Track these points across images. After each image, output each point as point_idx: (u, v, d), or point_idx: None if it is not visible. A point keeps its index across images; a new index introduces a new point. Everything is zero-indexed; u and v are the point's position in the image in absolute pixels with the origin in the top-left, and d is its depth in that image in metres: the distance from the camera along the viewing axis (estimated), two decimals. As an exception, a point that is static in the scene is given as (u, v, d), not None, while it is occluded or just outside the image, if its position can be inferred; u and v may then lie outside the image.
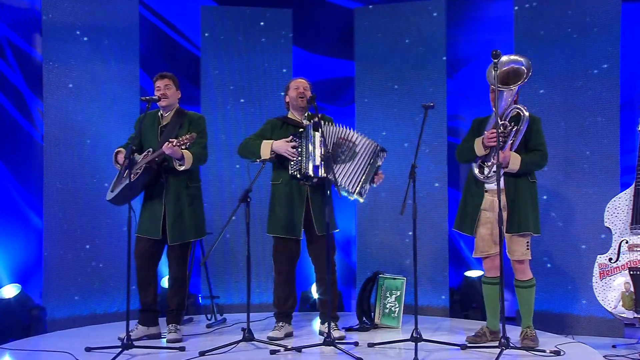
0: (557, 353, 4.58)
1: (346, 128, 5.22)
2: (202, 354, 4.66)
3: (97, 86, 6.41)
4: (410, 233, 6.48)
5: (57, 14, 6.31)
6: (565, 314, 6.01)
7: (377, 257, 6.66)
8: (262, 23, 6.99)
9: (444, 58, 6.71)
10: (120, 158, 5.27)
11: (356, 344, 4.93)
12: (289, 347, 4.83)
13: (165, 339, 5.18)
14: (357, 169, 5.16)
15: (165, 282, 6.30)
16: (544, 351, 4.61)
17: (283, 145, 5.18)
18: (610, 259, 5.33)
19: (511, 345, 4.51)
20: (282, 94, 5.51)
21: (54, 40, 6.29)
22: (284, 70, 6.97)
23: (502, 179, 4.79)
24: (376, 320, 5.75)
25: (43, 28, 6.27)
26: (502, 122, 4.87)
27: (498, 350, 4.44)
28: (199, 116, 5.40)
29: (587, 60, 6.04)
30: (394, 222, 6.62)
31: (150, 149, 5.18)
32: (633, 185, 5.35)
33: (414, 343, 4.53)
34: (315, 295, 6.28)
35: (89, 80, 6.38)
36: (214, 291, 6.30)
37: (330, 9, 7.51)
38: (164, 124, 5.32)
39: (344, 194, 5.12)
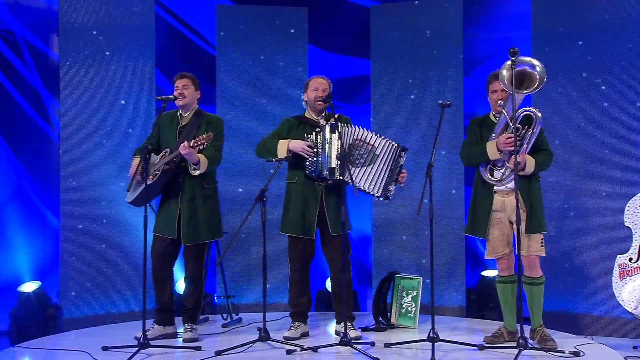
0: (576, 354, 4.53)
1: (364, 129, 5.17)
2: (218, 353, 4.65)
3: (113, 85, 6.42)
4: (427, 232, 6.47)
5: (74, 14, 6.33)
6: (583, 314, 5.95)
7: (393, 257, 6.63)
8: (277, 22, 6.98)
9: (461, 56, 6.66)
10: (132, 167, 5.27)
11: (372, 344, 4.91)
12: (305, 347, 4.80)
13: (181, 339, 5.17)
14: (380, 172, 5.11)
15: (180, 283, 6.29)
16: (563, 352, 4.57)
17: (299, 144, 5.16)
18: (630, 259, 5.25)
19: (530, 345, 4.46)
20: (302, 92, 5.45)
21: (71, 40, 6.31)
22: (300, 69, 6.95)
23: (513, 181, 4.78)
24: (392, 320, 5.71)
25: (60, 28, 6.29)
26: (516, 124, 4.80)
27: (516, 350, 4.40)
28: (217, 118, 5.39)
29: (606, 57, 5.98)
30: (411, 222, 6.58)
31: (168, 150, 5.17)
32: (653, 184, 5.30)
33: (430, 343, 4.50)
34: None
35: (105, 79, 6.39)
36: (229, 291, 6.28)
37: (346, 7, 7.49)
38: (182, 124, 5.31)
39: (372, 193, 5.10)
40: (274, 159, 5.11)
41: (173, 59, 7.26)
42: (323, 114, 5.38)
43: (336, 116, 5.12)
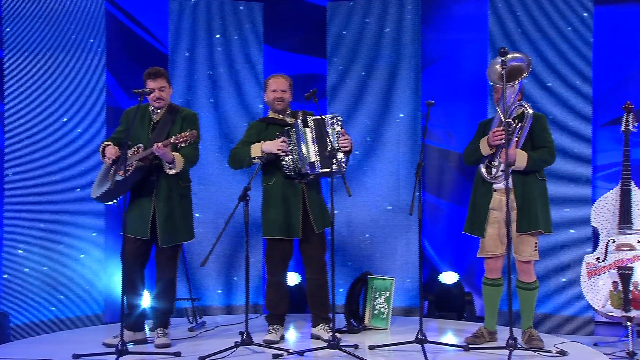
0: (562, 353, 4.60)
1: (325, 116, 5.08)
2: (202, 359, 4.43)
3: (62, 81, 6.00)
4: (383, 233, 6.50)
5: (18, 6, 5.83)
6: (537, 313, 6.06)
7: (351, 258, 6.57)
8: (232, 18, 6.79)
9: (419, 55, 6.69)
10: (111, 152, 4.95)
11: (356, 346, 4.79)
12: (291, 351, 4.65)
13: (154, 344, 4.91)
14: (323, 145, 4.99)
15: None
16: (550, 351, 4.62)
17: (273, 144, 5.03)
18: (597, 259, 5.42)
19: (519, 346, 4.49)
20: (255, 90, 5.31)
21: (16, 34, 5.80)
22: (254, 67, 6.79)
23: (510, 178, 4.80)
24: (366, 322, 5.63)
25: (4, 17, 5.81)
26: (506, 119, 4.84)
27: (501, 350, 4.46)
28: (192, 113, 5.14)
29: (560, 60, 6.13)
30: (366, 222, 6.59)
31: (141, 145, 4.91)
32: (619, 185, 5.46)
33: (417, 345, 4.47)
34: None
35: (53, 74, 5.96)
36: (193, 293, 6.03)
37: (302, 4, 7.36)
38: (156, 120, 5.05)
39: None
40: (255, 160, 4.93)
41: (121, 56, 6.94)
42: (288, 112, 5.25)
43: (301, 113, 5.12)
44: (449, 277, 6.52)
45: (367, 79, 6.76)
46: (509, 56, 4.73)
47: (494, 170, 4.91)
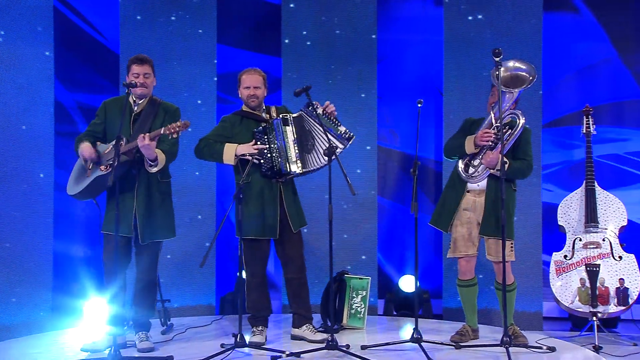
0: (552, 349, 4.73)
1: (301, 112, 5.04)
2: (200, 364, 4.27)
3: (9, 70, 5.62)
4: (346, 236, 6.46)
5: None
6: (490, 309, 6.24)
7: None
8: (187, 16, 6.56)
9: (375, 52, 6.70)
10: (87, 152, 4.66)
11: (347, 346, 4.71)
12: (287, 352, 4.52)
13: (136, 348, 4.66)
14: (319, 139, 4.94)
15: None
16: (540, 347, 4.74)
17: (247, 148, 4.88)
18: (565, 256, 5.61)
19: (513, 343, 4.56)
20: (214, 87, 5.18)
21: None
22: (209, 65, 6.60)
23: (485, 181, 4.91)
24: (344, 321, 5.57)
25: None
26: (496, 124, 4.91)
27: (491, 347, 4.68)
28: (175, 107, 4.92)
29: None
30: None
31: (123, 137, 4.63)
32: (583, 186, 5.69)
33: (409, 344, 4.55)
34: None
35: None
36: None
37: (256, 2, 7.25)
38: (137, 111, 4.79)
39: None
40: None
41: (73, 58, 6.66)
42: (262, 108, 5.13)
43: (273, 108, 5.10)
44: (406, 279, 6.60)
45: (320, 75, 6.68)
46: (516, 64, 4.80)
47: (471, 170, 4.96)
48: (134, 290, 4.82)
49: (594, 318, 5.42)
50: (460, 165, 5.02)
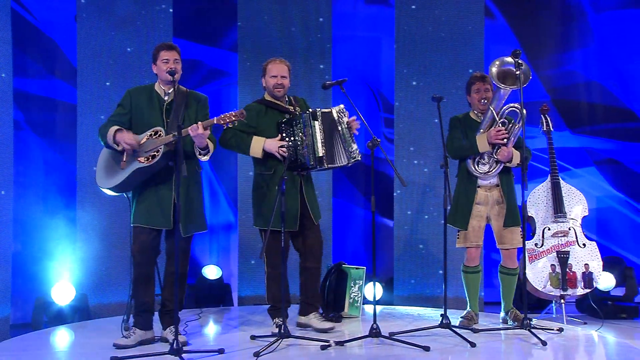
0: (561, 330, 5.07)
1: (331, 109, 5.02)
2: (256, 354, 4.19)
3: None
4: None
5: None
6: (438, 296, 6.55)
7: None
8: (142, 12, 6.41)
9: (329, 46, 6.80)
10: (128, 138, 4.38)
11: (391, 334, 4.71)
12: (334, 341, 4.49)
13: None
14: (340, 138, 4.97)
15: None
16: (552, 329, 5.06)
17: (274, 145, 4.86)
18: (536, 244, 6.02)
19: (532, 325, 4.84)
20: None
21: None
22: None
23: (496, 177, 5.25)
24: (345, 310, 5.56)
25: None
26: (502, 119, 5.18)
27: (514, 330, 4.95)
28: (205, 97, 4.77)
29: (457, 64, 6.76)
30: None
31: (160, 129, 4.36)
32: (549, 179, 6.14)
33: (441, 329, 4.73)
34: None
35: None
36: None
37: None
38: (168, 101, 4.55)
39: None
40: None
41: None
42: (286, 99, 5.10)
43: (300, 100, 5.17)
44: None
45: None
46: (510, 60, 5.05)
47: (485, 167, 5.21)
48: (164, 284, 4.57)
49: (562, 300, 5.90)
50: (472, 164, 5.23)
